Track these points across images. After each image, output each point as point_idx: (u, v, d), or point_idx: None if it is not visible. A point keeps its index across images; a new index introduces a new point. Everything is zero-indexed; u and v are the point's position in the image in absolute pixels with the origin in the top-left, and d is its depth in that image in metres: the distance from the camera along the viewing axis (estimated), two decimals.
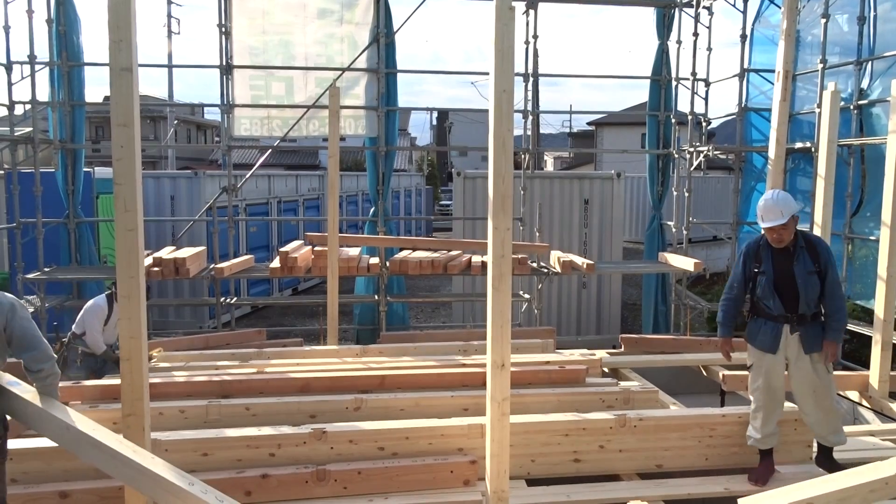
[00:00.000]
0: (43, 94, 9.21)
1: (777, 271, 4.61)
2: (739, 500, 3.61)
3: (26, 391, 3.56)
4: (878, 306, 6.50)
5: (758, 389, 4.72)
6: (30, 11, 8.86)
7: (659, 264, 10.20)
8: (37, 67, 9.01)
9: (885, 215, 6.36)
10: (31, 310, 8.68)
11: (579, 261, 9.22)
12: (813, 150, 8.75)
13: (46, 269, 9.00)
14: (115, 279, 6.40)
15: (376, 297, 9.72)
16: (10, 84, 8.95)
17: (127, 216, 3.60)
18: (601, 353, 7.29)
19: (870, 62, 8.87)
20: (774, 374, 4.67)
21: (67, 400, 5.27)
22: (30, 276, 8.77)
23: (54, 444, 4.42)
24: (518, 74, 9.81)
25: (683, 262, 9.43)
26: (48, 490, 4.17)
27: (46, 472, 4.28)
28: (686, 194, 10.53)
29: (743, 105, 10.57)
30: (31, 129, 9.20)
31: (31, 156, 9.31)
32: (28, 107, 9.28)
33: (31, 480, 4.24)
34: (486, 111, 3.99)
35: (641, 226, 18.46)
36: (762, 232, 4.71)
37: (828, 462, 4.78)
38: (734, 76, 10.55)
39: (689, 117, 10.66)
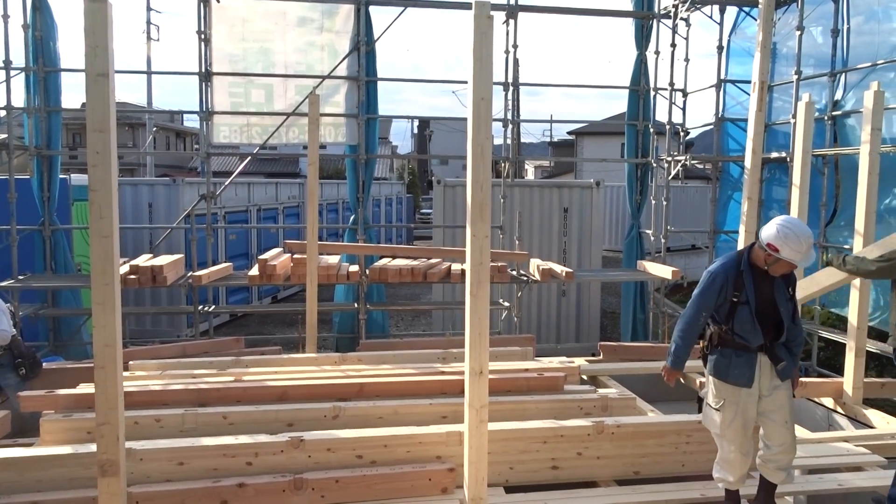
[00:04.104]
0: (18, 100, 9.12)
1: (759, 300, 4.21)
2: None
3: None
4: (852, 314, 6.60)
5: (734, 430, 4.31)
6: (5, 16, 8.74)
7: (637, 272, 10.28)
8: (12, 73, 8.89)
9: (859, 224, 6.46)
10: None
11: (558, 269, 9.26)
12: (788, 159, 8.88)
13: (21, 277, 8.87)
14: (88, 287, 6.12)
15: (356, 305, 9.68)
16: None
17: (102, 223, 3.57)
18: (580, 361, 7.32)
19: (843, 74, 9.04)
20: (751, 408, 4.29)
21: (41, 409, 5.22)
22: (4, 283, 8.64)
23: (27, 454, 4.40)
24: (498, 83, 9.86)
25: (662, 271, 9.51)
26: (21, 500, 4.11)
27: (19, 483, 4.22)
28: (664, 203, 10.63)
29: (720, 115, 10.73)
30: (5, 135, 9.08)
31: (5, 162, 9.20)
32: (3, 113, 9.16)
33: (3, 491, 4.18)
34: (466, 119, 4.01)
35: (620, 234, 18.59)
36: (740, 254, 4.34)
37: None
38: (711, 87, 10.72)
39: (667, 127, 10.78)
